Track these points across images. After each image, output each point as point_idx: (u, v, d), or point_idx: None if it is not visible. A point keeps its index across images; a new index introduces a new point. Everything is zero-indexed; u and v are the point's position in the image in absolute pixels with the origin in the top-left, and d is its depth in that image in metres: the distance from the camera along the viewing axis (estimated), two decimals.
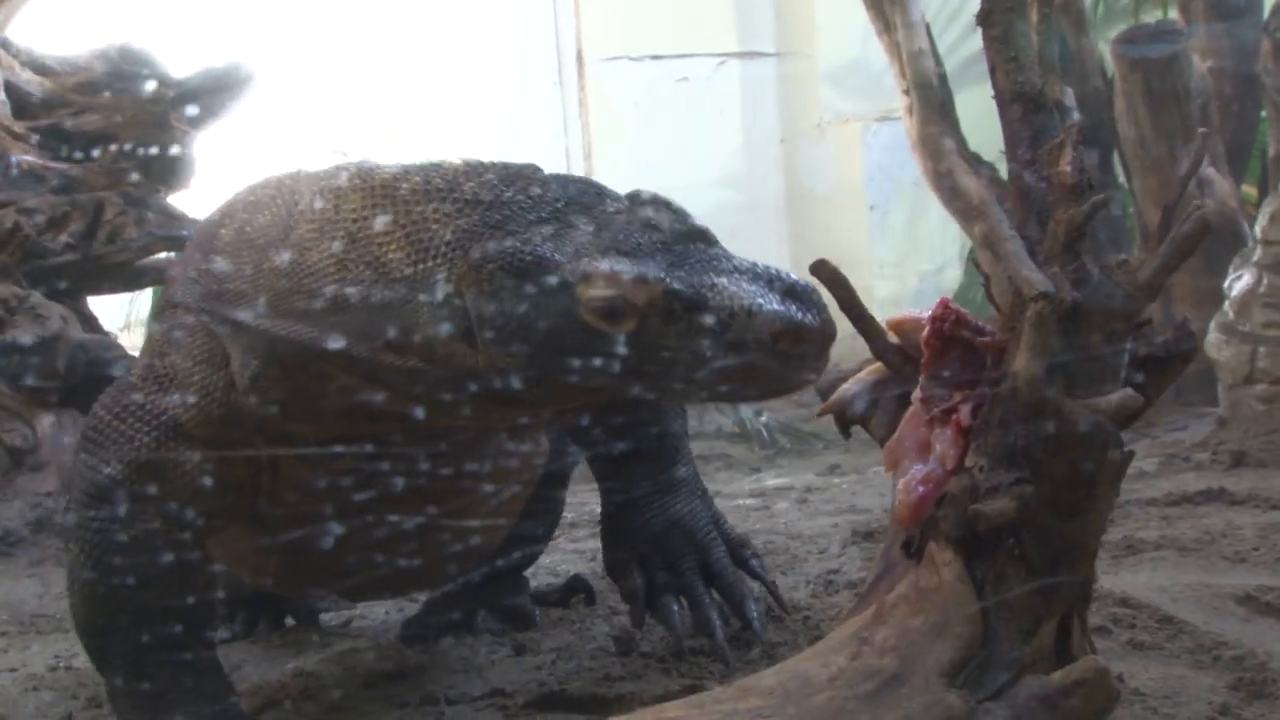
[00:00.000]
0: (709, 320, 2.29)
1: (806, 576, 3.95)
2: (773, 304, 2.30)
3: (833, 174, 9.62)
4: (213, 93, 6.82)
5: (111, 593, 2.80)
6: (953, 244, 9.20)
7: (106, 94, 6.45)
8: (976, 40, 7.78)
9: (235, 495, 2.82)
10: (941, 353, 2.30)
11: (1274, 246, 5.80)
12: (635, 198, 2.48)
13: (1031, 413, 2.13)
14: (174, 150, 6.43)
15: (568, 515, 3.83)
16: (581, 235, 2.38)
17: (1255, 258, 5.82)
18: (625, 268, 2.31)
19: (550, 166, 2.65)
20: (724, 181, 9.43)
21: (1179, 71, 6.84)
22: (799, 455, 6.85)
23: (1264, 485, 4.90)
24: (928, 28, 7.07)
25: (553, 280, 2.34)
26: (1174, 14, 7.83)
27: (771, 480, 6.18)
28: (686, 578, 3.25)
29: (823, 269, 2.41)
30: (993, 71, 2.37)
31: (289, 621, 4.04)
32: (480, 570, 3.56)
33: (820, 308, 2.35)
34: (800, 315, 2.31)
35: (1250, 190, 7.58)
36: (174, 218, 6.06)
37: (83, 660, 3.32)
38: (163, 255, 6.22)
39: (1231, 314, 5.76)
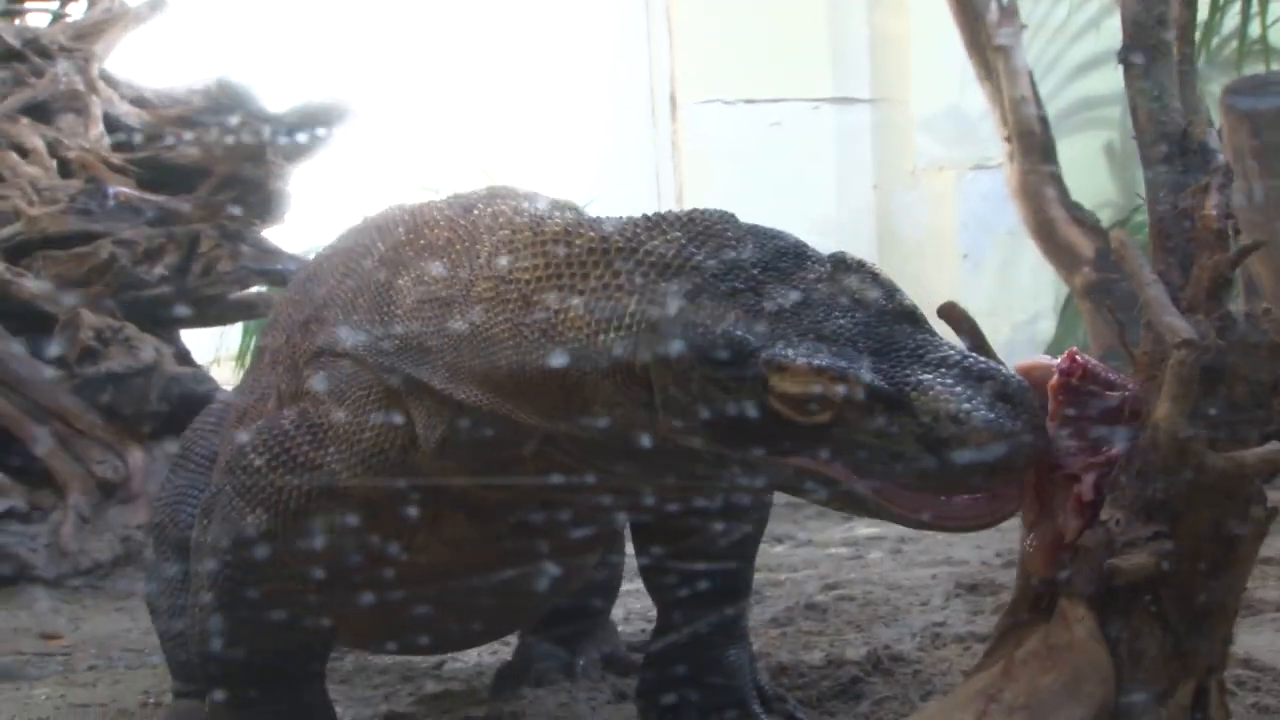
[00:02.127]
0: (911, 423, 2.07)
1: (911, 629, 3.86)
2: (981, 410, 2.04)
3: (926, 221, 9.52)
4: (309, 127, 6.83)
5: (236, 639, 2.72)
6: (1047, 294, 9.09)
7: (204, 127, 6.47)
8: (1078, 89, 7.72)
9: (377, 558, 2.69)
10: (1069, 405, 2.19)
11: None
12: (840, 263, 2.29)
13: (1172, 464, 2.05)
14: (270, 184, 6.43)
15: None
16: (778, 311, 2.18)
17: None
18: (823, 361, 2.10)
19: (641, 208, 2.48)
20: (816, 227, 9.31)
21: None
22: None
23: None
24: (1030, 75, 6.99)
25: (744, 368, 2.14)
26: None
27: (863, 530, 6.08)
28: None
29: (952, 311, 2.34)
30: (1134, 111, 2.30)
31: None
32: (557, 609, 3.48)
33: (1032, 413, 2.08)
34: (1011, 425, 2.04)
35: None
36: (269, 252, 6.05)
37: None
38: (255, 289, 6.22)
39: None
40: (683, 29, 9.69)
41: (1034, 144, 6.85)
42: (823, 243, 7.73)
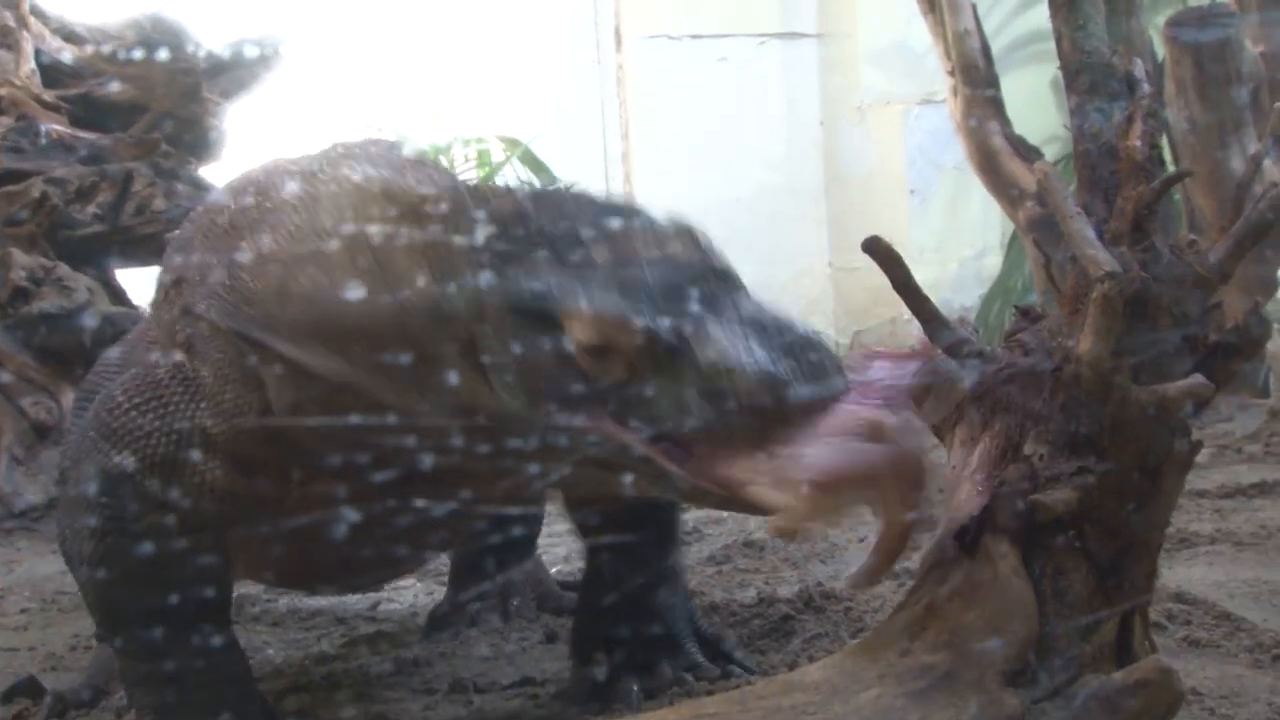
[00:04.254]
0: (694, 374, 2.13)
1: (847, 566, 3.84)
2: (757, 361, 2.11)
3: (873, 157, 9.50)
4: (244, 65, 6.75)
5: (121, 580, 2.70)
6: (994, 230, 9.07)
7: (137, 64, 6.38)
8: (1022, 24, 7.70)
9: (256, 506, 2.70)
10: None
11: None
12: (666, 225, 2.33)
13: (1096, 398, 2.03)
14: (205, 122, 6.35)
15: None
16: (587, 266, 2.23)
17: None
18: (611, 309, 2.16)
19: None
20: (763, 164, 9.32)
21: (1230, 56, 6.69)
22: None
23: None
24: (974, 8, 6.94)
25: (546, 318, 2.21)
26: None
27: None
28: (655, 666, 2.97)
29: (876, 246, 2.31)
30: (1059, 41, 2.27)
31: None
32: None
33: (821, 369, 2.14)
34: (786, 375, 2.10)
35: None
36: (204, 190, 5.96)
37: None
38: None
39: None
40: None
41: (977, 78, 6.81)
42: (770, 179, 7.69)
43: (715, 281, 2.25)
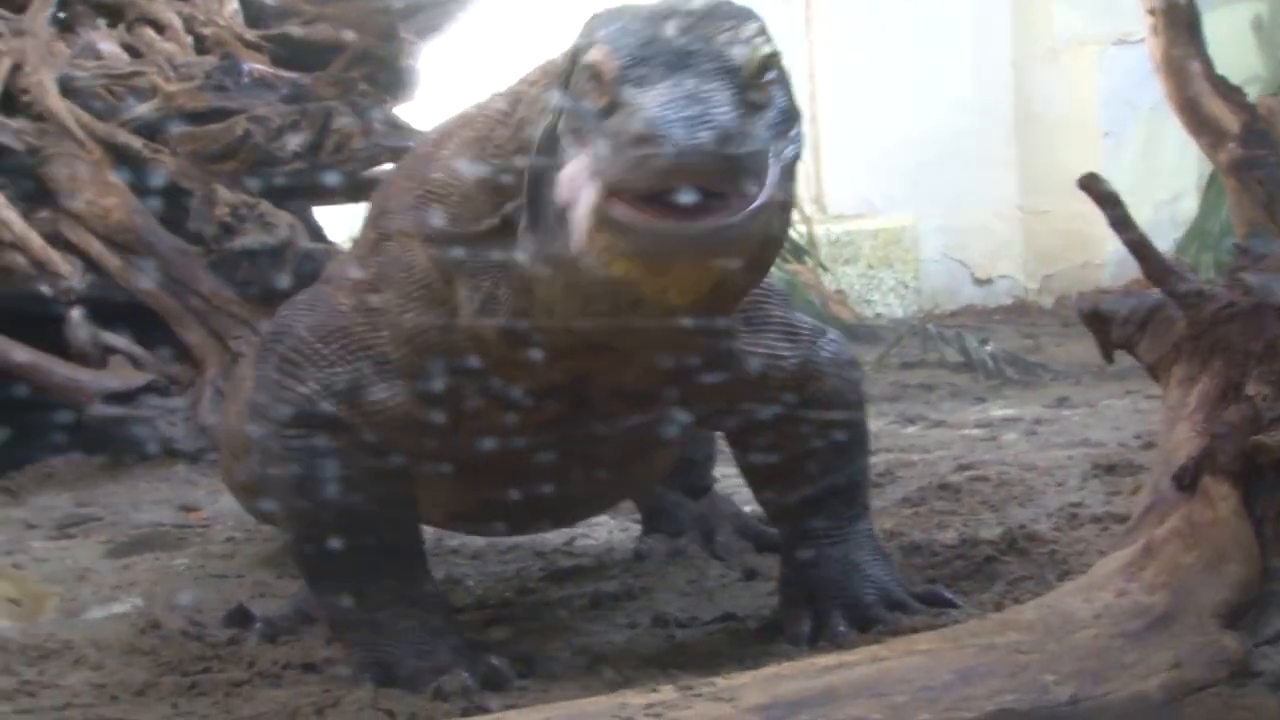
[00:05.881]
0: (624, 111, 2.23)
1: (1046, 509, 3.80)
2: (658, 110, 2.17)
3: (1065, 99, 9.33)
4: (439, 4, 6.81)
5: (313, 512, 2.79)
6: (1190, 172, 8.87)
7: (335, 4, 6.47)
8: None
9: (433, 435, 2.77)
10: None
11: None
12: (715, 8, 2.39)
13: None
14: (401, 61, 6.42)
15: None
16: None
17: None
18: (611, 43, 2.31)
19: None
20: (953, 105, 9.20)
21: None
22: (1025, 386, 6.64)
23: None
24: None
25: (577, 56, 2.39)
26: None
27: (998, 410, 6.01)
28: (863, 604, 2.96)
29: (1093, 184, 2.29)
30: None
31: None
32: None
33: (719, 144, 2.16)
34: (678, 129, 2.14)
35: None
36: (399, 129, 6.02)
37: None
38: (386, 166, 6.21)
39: None
40: None
41: (1179, 17, 6.64)
42: (960, 120, 7.60)
43: (722, 70, 2.27)
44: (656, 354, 2.60)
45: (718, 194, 2.17)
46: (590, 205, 2.23)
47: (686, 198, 2.15)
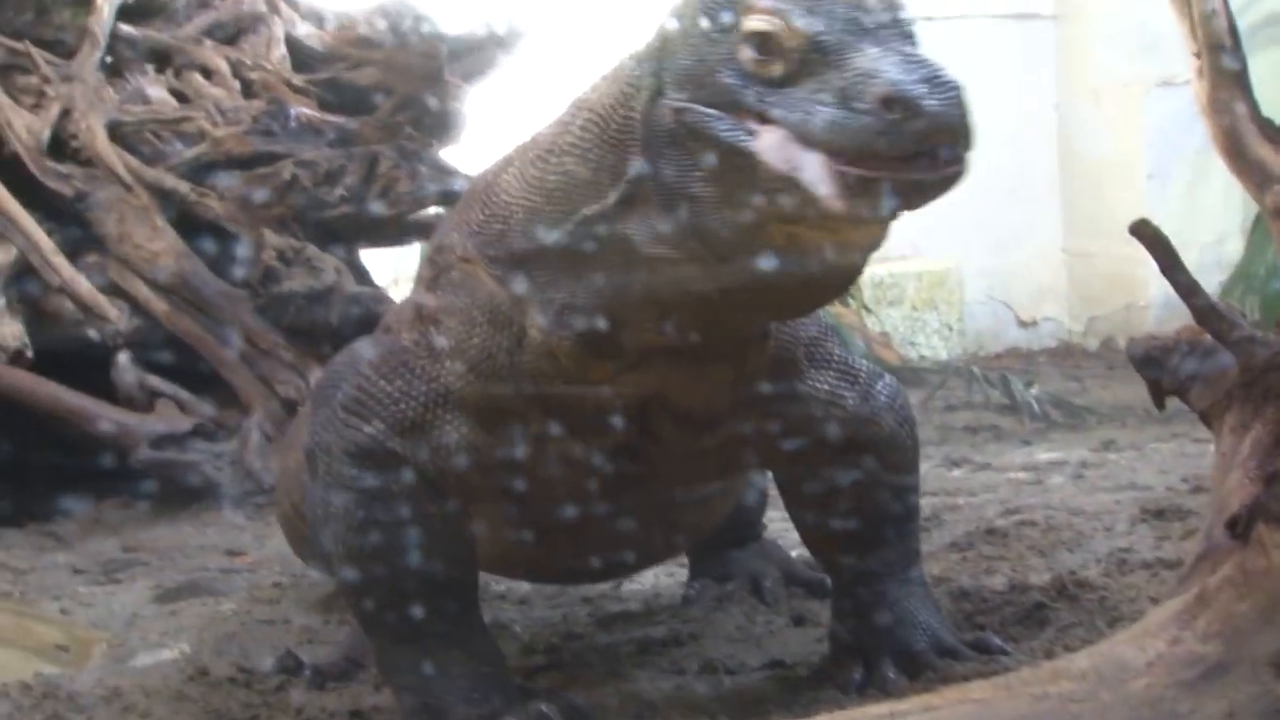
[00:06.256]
0: (838, 77, 2.21)
1: (1095, 555, 3.79)
2: (897, 74, 2.17)
3: (1109, 141, 9.31)
4: (485, 48, 6.84)
5: (373, 555, 2.78)
6: (1235, 214, 8.84)
7: (382, 48, 6.51)
8: (1266, 4, 7.46)
9: (498, 468, 2.76)
10: None
11: None
12: None
13: None
14: (447, 105, 6.45)
15: None
16: None
17: None
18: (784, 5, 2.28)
19: None
20: (996, 146, 9.15)
21: None
22: (1070, 429, 6.61)
23: None
24: None
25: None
26: None
27: (1043, 454, 5.98)
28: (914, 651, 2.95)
29: (1144, 229, 2.29)
30: None
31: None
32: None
33: (959, 105, 2.19)
34: (923, 91, 2.15)
35: None
36: (446, 172, 6.05)
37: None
38: (432, 210, 6.24)
39: None
40: None
41: (1224, 59, 6.62)
42: (1003, 162, 7.57)
43: (893, 29, 2.30)
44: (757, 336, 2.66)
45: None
46: (817, 171, 2.20)
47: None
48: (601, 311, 2.53)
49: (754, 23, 2.28)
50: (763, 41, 2.27)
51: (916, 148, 2.17)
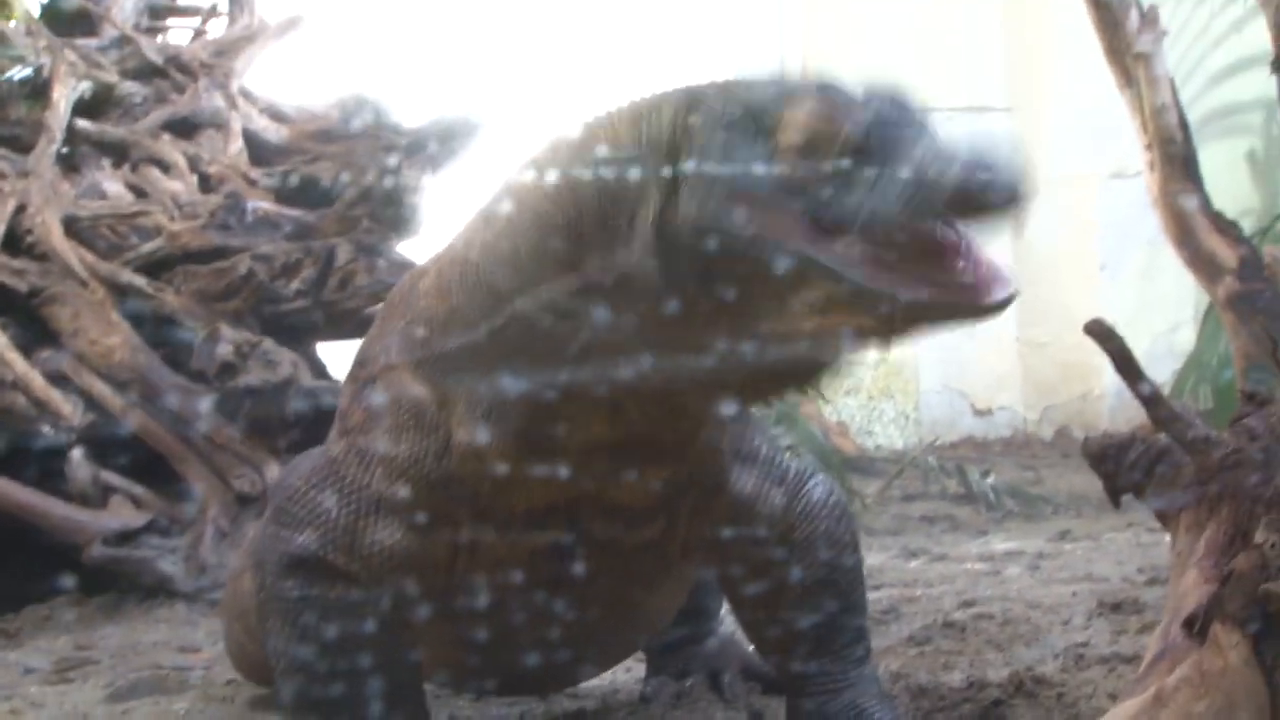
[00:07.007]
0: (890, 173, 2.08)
1: (1053, 649, 3.78)
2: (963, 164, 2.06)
3: (1062, 231, 9.40)
4: (441, 141, 6.87)
5: (308, 666, 2.73)
6: (1187, 304, 8.94)
7: (341, 142, 6.53)
8: (1219, 95, 7.57)
9: (431, 574, 2.73)
10: None
11: None
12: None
13: None
14: (404, 198, 6.47)
15: None
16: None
17: None
18: (826, 107, 2.13)
19: None
20: None
21: None
22: (1026, 519, 6.64)
23: None
24: (1172, 83, 6.85)
25: (764, 109, 2.19)
26: None
27: (1000, 544, 6.00)
28: None
29: (1098, 328, 2.30)
30: None
31: None
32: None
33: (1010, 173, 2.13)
34: (982, 160, 2.08)
35: None
36: (404, 265, 6.06)
37: None
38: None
39: None
40: (815, 40, 9.64)
41: (1175, 152, 6.69)
42: None
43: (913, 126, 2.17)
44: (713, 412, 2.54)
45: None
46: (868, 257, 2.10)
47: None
48: (530, 409, 2.50)
49: (797, 119, 2.16)
50: (815, 138, 2.14)
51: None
